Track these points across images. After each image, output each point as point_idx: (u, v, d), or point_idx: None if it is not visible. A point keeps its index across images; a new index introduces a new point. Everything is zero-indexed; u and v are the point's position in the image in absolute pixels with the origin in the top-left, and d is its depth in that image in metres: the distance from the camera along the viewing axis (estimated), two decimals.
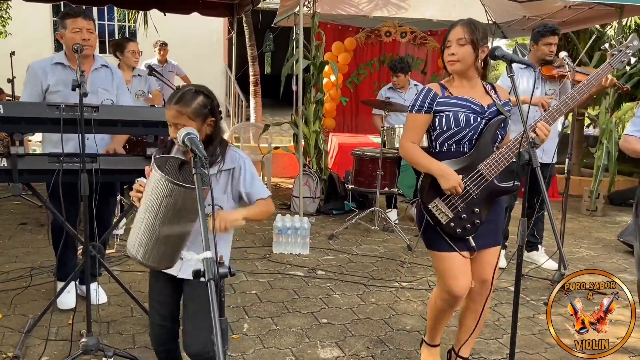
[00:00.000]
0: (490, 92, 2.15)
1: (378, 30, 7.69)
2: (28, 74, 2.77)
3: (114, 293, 3.13)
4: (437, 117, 2.09)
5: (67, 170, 2.37)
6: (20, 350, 2.44)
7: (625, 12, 5.51)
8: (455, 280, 2.10)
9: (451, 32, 2.07)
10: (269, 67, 18.41)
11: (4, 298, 3.05)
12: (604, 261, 4.26)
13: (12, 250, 3.93)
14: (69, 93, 2.72)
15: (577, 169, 7.60)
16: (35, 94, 2.74)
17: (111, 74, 2.95)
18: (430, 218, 2.11)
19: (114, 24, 11.44)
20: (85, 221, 2.26)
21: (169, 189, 1.46)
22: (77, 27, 2.67)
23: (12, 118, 2.24)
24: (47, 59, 2.83)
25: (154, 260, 1.59)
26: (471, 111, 2.07)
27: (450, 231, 2.09)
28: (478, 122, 2.06)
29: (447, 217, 2.07)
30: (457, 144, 2.10)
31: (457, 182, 2.02)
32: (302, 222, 4.14)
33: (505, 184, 2.11)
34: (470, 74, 2.10)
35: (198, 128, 1.66)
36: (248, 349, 2.59)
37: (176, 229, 1.52)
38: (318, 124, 5.61)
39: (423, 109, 2.10)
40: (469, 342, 2.31)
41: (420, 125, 2.13)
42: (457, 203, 2.08)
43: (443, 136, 2.11)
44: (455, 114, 2.06)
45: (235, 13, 6.94)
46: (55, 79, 2.75)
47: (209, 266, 1.16)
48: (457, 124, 2.06)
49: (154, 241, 1.53)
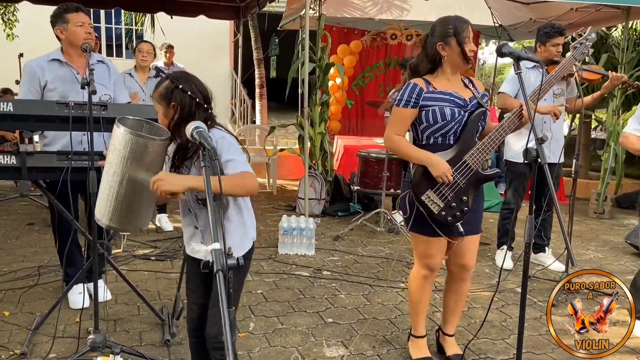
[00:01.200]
0: (469, 86, 2.27)
1: (384, 33, 7.70)
2: (25, 72, 2.78)
3: (121, 292, 3.14)
4: (424, 111, 2.20)
5: (76, 168, 2.39)
6: (27, 348, 2.45)
7: (632, 15, 5.49)
8: (432, 259, 2.34)
9: (465, 27, 2.16)
10: (274, 71, 18.48)
11: (11, 296, 3.07)
12: (611, 263, 4.24)
13: (19, 249, 3.96)
14: (66, 89, 2.75)
15: (585, 171, 7.57)
16: (34, 91, 2.75)
17: (107, 69, 2.95)
18: (423, 209, 2.21)
19: (121, 27, 11.52)
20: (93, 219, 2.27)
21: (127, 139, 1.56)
22: (80, 20, 2.70)
23: (21, 116, 2.27)
24: (43, 56, 2.83)
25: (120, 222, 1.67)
26: (455, 105, 2.18)
27: (442, 220, 2.21)
28: (462, 116, 2.19)
29: (439, 207, 2.20)
30: (443, 137, 2.21)
31: (447, 169, 2.14)
32: (308, 223, 4.14)
33: (489, 172, 2.24)
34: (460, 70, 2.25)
35: (164, 112, 1.74)
36: (254, 347, 2.59)
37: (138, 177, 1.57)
38: (323, 125, 5.63)
39: (410, 103, 2.20)
40: (453, 321, 2.51)
41: (406, 119, 2.24)
42: (446, 193, 2.20)
43: (430, 130, 2.21)
44: (442, 109, 2.17)
45: (241, 16, 7.00)
46: (52, 76, 2.76)
47: (218, 257, 1.17)
48: (444, 118, 2.17)
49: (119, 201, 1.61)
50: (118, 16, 11.11)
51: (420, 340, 2.49)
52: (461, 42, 2.14)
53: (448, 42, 2.16)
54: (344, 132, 7.69)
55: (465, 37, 2.15)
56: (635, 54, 5.76)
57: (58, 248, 2.95)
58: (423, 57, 2.25)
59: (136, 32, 11.44)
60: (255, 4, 6.39)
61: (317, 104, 5.48)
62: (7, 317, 2.80)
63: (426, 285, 2.42)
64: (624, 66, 5.65)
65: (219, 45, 11.04)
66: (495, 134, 2.14)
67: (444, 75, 2.23)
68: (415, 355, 2.47)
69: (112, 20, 11.18)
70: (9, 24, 7.84)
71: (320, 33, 5.46)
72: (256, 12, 6.75)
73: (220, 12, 6.98)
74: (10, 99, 2.48)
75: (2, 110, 2.22)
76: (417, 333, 2.49)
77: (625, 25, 5.69)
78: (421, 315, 2.47)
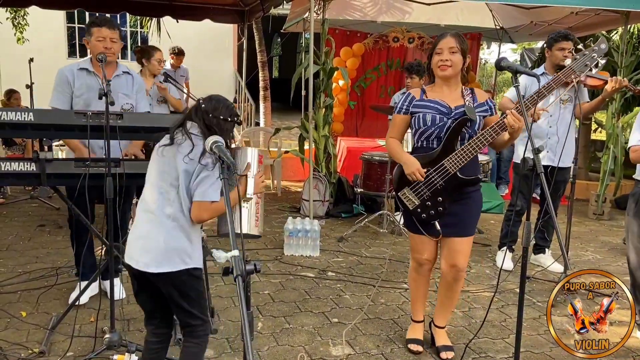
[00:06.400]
0: (467, 96, 2.42)
1: (386, 36, 7.79)
2: (58, 78, 2.93)
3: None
4: (414, 117, 2.47)
5: (92, 174, 2.49)
6: (45, 346, 2.55)
7: (631, 19, 5.57)
8: (419, 254, 2.61)
9: (442, 41, 2.37)
10: (277, 71, 18.56)
11: (27, 297, 3.18)
12: (609, 264, 4.33)
13: (32, 251, 4.07)
14: (91, 97, 2.90)
15: (585, 173, 7.65)
16: (67, 97, 2.92)
17: (132, 80, 3.11)
18: (400, 204, 2.51)
19: (125, 30, 11.63)
20: (110, 222, 2.38)
21: None
22: (101, 35, 2.84)
23: (42, 125, 2.37)
24: (74, 64, 3.00)
25: None
26: (437, 112, 2.40)
27: (416, 216, 2.47)
28: (444, 122, 2.39)
29: (414, 204, 2.44)
30: (427, 140, 2.46)
31: (416, 168, 2.38)
32: (313, 225, 4.24)
33: (466, 176, 2.40)
34: (455, 79, 2.42)
35: None
36: (263, 346, 2.70)
37: None
38: (327, 128, 5.72)
39: (402, 110, 2.51)
40: (444, 314, 2.72)
41: (399, 124, 2.54)
42: (423, 191, 2.42)
43: (417, 133, 2.48)
44: (424, 115, 2.42)
45: (245, 20, 7.08)
46: (80, 83, 2.93)
47: (237, 264, 1.27)
48: (425, 123, 2.42)
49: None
50: (123, 18, 11.21)
51: (416, 324, 2.77)
52: (432, 54, 2.40)
53: (430, 55, 2.43)
54: (346, 134, 7.78)
55: (439, 49, 2.36)
56: (634, 57, 5.83)
57: (75, 250, 3.07)
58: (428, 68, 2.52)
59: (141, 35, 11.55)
60: (260, 9, 6.48)
61: (320, 107, 5.58)
62: (24, 317, 2.91)
63: (419, 277, 2.69)
64: (623, 70, 5.72)
65: (223, 48, 11.15)
66: (476, 141, 2.33)
67: (439, 86, 2.46)
68: (409, 336, 2.77)
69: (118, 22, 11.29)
70: (19, 27, 7.96)
71: (324, 37, 5.55)
72: (261, 17, 6.84)
73: (225, 16, 7.07)
74: (30, 109, 2.58)
75: (24, 119, 2.32)
76: (415, 318, 2.78)
77: (625, 29, 5.77)
78: (417, 302, 2.74)
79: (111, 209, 2.35)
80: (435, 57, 2.39)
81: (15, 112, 2.36)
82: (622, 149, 5.83)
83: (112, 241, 2.41)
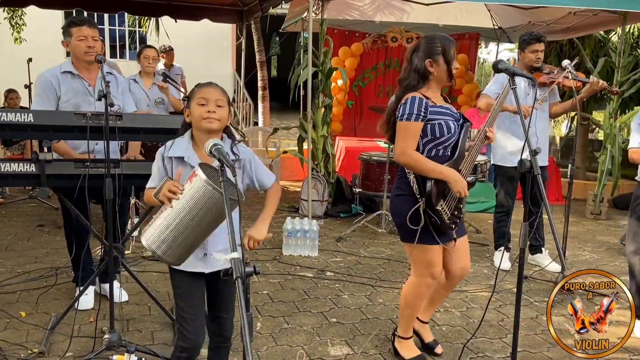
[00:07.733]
0: (448, 100, 2.43)
1: (384, 36, 7.81)
2: (40, 83, 2.82)
3: (132, 292, 3.25)
4: (429, 124, 2.27)
5: (92, 175, 2.50)
6: (45, 347, 2.56)
7: (629, 19, 5.59)
8: (436, 267, 2.43)
9: (453, 48, 2.30)
10: (275, 71, 18.57)
11: (26, 297, 3.19)
12: (606, 264, 4.35)
13: (31, 251, 4.07)
14: (78, 101, 2.84)
15: (582, 173, 7.67)
16: (53, 103, 2.82)
17: (115, 80, 3.01)
18: (436, 218, 2.29)
19: (124, 29, 11.63)
20: (109, 223, 2.39)
21: (213, 196, 1.54)
22: (82, 35, 2.77)
23: (41, 126, 2.38)
24: (56, 67, 2.89)
25: (173, 257, 1.67)
26: (453, 119, 2.32)
27: (447, 227, 2.35)
28: (457, 129, 2.33)
29: (448, 215, 2.34)
30: (444, 149, 2.34)
31: (465, 184, 2.29)
32: (311, 225, 4.25)
33: (469, 178, 2.40)
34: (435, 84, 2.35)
35: (227, 114, 1.87)
36: (262, 346, 2.71)
37: (206, 232, 1.63)
38: (326, 128, 5.73)
39: (420, 117, 2.25)
40: (431, 311, 2.76)
41: (417, 132, 2.28)
42: (451, 202, 2.35)
43: (433, 143, 2.31)
44: (447, 122, 2.28)
45: (244, 19, 7.09)
46: (66, 88, 2.84)
47: (237, 266, 1.28)
48: (449, 131, 2.28)
49: (180, 241, 1.64)
50: (121, 17, 11.22)
51: (409, 340, 2.62)
52: (449, 61, 2.28)
53: (436, 60, 2.27)
54: (344, 133, 7.80)
55: (452, 56, 2.30)
56: (632, 57, 5.86)
57: (74, 251, 3.01)
58: (412, 72, 2.32)
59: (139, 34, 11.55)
60: (259, 9, 6.50)
61: (319, 107, 5.59)
62: (24, 317, 2.91)
63: (427, 293, 2.54)
64: (620, 70, 5.75)
65: (222, 47, 11.16)
66: (475, 147, 2.35)
67: (432, 91, 2.34)
68: (409, 355, 2.58)
69: (116, 21, 11.29)
70: (17, 27, 7.96)
71: (323, 37, 5.56)
72: (259, 17, 6.85)
73: (224, 16, 7.09)
74: (30, 110, 2.59)
75: (24, 120, 2.33)
76: (407, 335, 2.61)
77: (622, 30, 5.79)
78: (415, 317, 2.63)
79: (110, 210, 2.35)
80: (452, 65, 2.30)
81: (15, 113, 2.36)
82: (620, 148, 5.86)
83: (111, 242, 2.42)
